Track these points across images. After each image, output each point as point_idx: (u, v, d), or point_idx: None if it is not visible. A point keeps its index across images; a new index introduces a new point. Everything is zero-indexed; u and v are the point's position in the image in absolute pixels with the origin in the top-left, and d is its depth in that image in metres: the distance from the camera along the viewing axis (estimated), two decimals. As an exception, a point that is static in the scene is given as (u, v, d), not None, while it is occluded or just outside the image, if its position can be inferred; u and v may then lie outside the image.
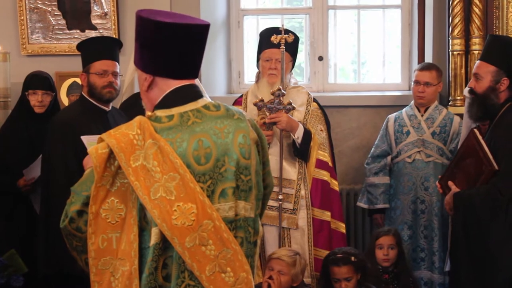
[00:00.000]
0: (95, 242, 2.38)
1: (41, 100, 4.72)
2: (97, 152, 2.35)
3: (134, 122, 2.40)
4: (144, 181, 2.31)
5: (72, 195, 2.45)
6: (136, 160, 2.32)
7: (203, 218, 2.34)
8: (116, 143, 2.33)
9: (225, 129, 2.48)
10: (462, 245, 3.83)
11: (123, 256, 2.37)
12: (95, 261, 2.40)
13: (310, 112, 4.63)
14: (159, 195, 2.31)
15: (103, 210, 2.37)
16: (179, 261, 2.35)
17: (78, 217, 2.41)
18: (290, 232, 4.53)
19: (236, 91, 6.00)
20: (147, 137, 2.34)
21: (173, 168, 2.33)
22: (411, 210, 5.02)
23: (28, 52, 5.66)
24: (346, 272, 4.21)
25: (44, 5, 5.61)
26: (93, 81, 4.18)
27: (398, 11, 5.94)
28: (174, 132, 2.38)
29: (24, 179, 4.65)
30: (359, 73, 6.11)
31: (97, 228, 2.38)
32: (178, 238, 2.31)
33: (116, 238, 2.39)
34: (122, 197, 2.38)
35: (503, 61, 3.87)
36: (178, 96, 2.47)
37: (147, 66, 2.48)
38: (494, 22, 5.24)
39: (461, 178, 3.94)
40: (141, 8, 5.73)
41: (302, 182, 4.53)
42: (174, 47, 2.43)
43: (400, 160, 5.07)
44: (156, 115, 2.42)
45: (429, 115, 5.05)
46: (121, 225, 2.38)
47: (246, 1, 6.08)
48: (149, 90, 2.50)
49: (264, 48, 4.56)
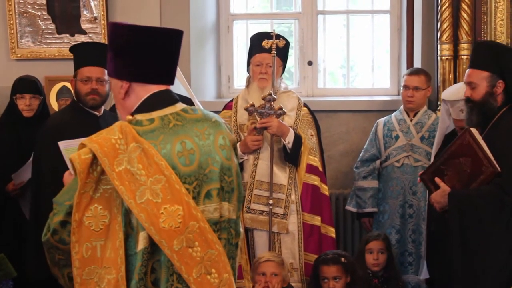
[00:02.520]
0: (79, 251, 2.34)
1: (29, 104, 4.72)
2: (80, 157, 2.32)
3: (114, 126, 2.39)
4: (129, 185, 2.30)
5: (55, 207, 2.41)
6: (119, 165, 2.31)
7: (189, 220, 2.35)
8: (99, 148, 2.31)
9: (205, 131, 2.50)
10: (457, 246, 3.82)
11: (108, 264, 2.34)
12: (79, 270, 2.35)
13: (301, 117, 4.64)
14: (145, 198, 2.30)
15: (87, 217, 2.33)
16: (168, 264, 2.35)
17: (61, 228, 2.37)
18: (280, 237, 4.53)
19: (225, 95, 6.00)
20: (129, 140, 2.34)
21: (158, 170, 2.32)
22: (399, 214, 5.04)
23: (17, 56, 5.64)
24: (335, 271, 4.24)
25: (33, 9, 5.59)
26: (78, 87, 4.17)
27: (387, 16, 5.97)
28: (156, 135, 2.38)
29: (13, 183, 4.64)
30: (348, 78, 6.13)
31: (81, 236, 2.34)
32: (166, 241, 2.31)
33: (100, 246, 2.35)
34: (105, 204, 2.35)
35: (494, 65, 3.88)
36: (157, 100, 2.48)
37: (123, 73, 2.48)
38: (482, 28, 5.27)
39: (452, 176, 3.91)
40: (131, 12, 5.79)
41: (292, 187, 4.53)
42: (149, 51, 2.45)
43: (389, 164, 5.10)
44: (137, 119, 2.41)
45: (418, 119, 5.07)
46: (105, 233, 2.35)
47: (236, 6, 6.08)
48: (125, 98, 2.50)
49: (255, 52, 4.56)
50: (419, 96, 5.03)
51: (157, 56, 2.47)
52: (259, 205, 4.49)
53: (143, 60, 2.46)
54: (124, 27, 2.46)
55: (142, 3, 5.54)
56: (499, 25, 5.26)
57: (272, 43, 4.40)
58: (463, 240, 3.79)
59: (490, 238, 3.73)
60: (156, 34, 2.47)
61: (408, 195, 5.02)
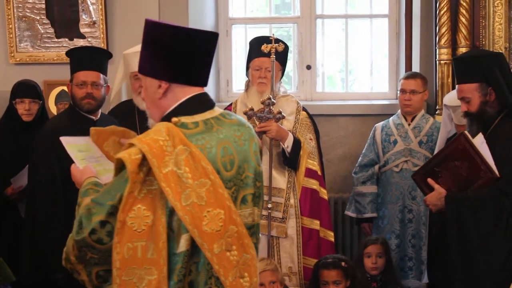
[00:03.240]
0: (120, 252, 2.31)
1: (28, 109, 4.72)
2: (131, 157, 2.30)
3: (162, 128, 2.37)
4: (175, 187, 2.29)
5: (93, 206, 2.37)
6: (166, 166, 2.30)
7: (229, 224, 2.38)
8: (148, 149, 2.29)
9: (242, 137, 2.52)
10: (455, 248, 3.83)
11: (149, 265, 2.32)
12: (120, 271, 2.32)
13: (300, 121, 4.64)
14: (190, 201, 2.31)
15: (129, 218, 2.30)
16: (208, 267, 2.36)
17: (100, 228, 2.33)
18: (279, 241, 4.53)
19: (224, 99, 6.00)
20: (177, 143, 2.33)
21: (204, 174, 2.34)
22: (399, 219, 5.04)
23: (16, 60, 5.64)
24: (335, 276, 4.24)
25: (32, 14, 5.59)
26: (74, 92, 4.17)
27: (385, 21, 5.98)
28: (202, 138, 2.39)
29: (12, 187, 4.64)
30: (347, 82, 6.14)
31: (123, 236, 2.31)
32: (208, 244, 2.32)
33: (141, 246, 2.32)
34: (149, 205, 2.32)
35: (479, 75, 3.89)
36: (198, 103, 2.48)
37: (163, 73, 2.46)
38: (481, 32, 5.28)
39: (447, 179, 3.92)
40: (130, 17, 5.79)
41: (291, 191, 4.54)
42: (190, 52, 2.44)
43: (388, 169, 5.10)
44: (182, 121, 2.40)
45: (416, 124, 5.07)
46: (147, 234, 2.32)
47: (235, 10, 6.09)
48: (162, 98, 2.48)
49: (254, 56, 4.57)
50: (416, 100, 5.03)
51: (197, 58, 2.47)
52: (258, 209, 4.49)
53: (185, 62, 2.45)
54: (165, 27, 2.44)
55: (141, 7, 5.54)
56: (497, 30, 5.27)
57: (271, 47, 4.41)
58: (461, 242, 3.81)
59: (489, 240, 3.75)
60: (197, 36, 2.46)
61: (408, 200, 5.02)
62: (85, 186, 2.65)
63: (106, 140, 3.05)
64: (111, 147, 3.05)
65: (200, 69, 2.51)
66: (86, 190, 2.61)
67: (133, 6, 5.58)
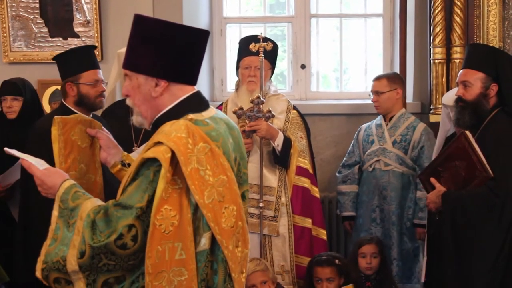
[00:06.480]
0: (151, 256, 2.24)
1: (10, 106, 4.72)
2: (164, 156, 2.24)
3: (181, 125, 2.32)
4: (198, 185, 2.27)
5: (116, 209, 2.28)
6: (189, 164, 2.26)
7: (239, 220, 2.39)
8: (177, 147, 2.26)
9: (237, 135, 2.54)
10: (449, 246, 3.84)
11: (177, 266, 2.27)
12: (151, 276, 2.25)
13: (290, 119, 4.64)
14: (212, 199, 2.30)
15: (158, 220, 2.23)
16: (225, 264, 2.36)
17: (127, 232, 2.25)
18: (271, 240, 4.54)
19: (218, 99, 6.00)
20: (198, 140, 2.30)
21: (223, 170, 2.33)
22: (371, 219, 5.05)
23: (10, 60, 5.65)
24: (329, 273, 4.25)
25: (26, 13, 5.60)
26: (86, 91, 4.12)
27: (380, 20, 5.98)
28: (217, 136, 2.38)
29: (0, 185, 4.63)
30: (341, 81, 6.14)
31: (153, 240, 2.24)
32: (226, 241, 2.33)
33: (168, 248, 2.26)
34: (174, 204, 2.26)
35: (490, 67, 3.90)
36: (199, 101, 2.48)
37: (162, 71, 2.41)
38: (475, 31, 5.27)
39: (448, 178, 3.94)
40: (124, 17, 5.78)
41: (282, 189, 4.54)
42: (191, 52, 2.43)
43: (365, 169, 5.12)
44: (195, 119, 2.38)
45: (393, 124, 5.06)
46: (173, 235, 2.25)
47: (229, 10, 6.10)
48: (158, 97, 2.43)
49: (243, 56, 4.58)
50: (382, 100, 5.02)
51: (196, 58, 2.47)
52: (249, 207, 4.48)
53: (186, 61, 2.43)
54: (173, 26, 2.40)
55: (135, 7, 5.53)
56: (491, 29, 5.26)
57: (260, 46, 4.42)
58: (455, 240, 3.81)
59: (480, 238, 3.76)
60: (190, 33, 2.44)
61: (379, 199, 5.03)
62: (68, 188, 2.50)
63: (73, 129, 2.94)
64: (78, 136, 2.97)
65: (196, 67, 2.50)
66: (75, 193, 2.47)
67: (127, 5, 5.59)
